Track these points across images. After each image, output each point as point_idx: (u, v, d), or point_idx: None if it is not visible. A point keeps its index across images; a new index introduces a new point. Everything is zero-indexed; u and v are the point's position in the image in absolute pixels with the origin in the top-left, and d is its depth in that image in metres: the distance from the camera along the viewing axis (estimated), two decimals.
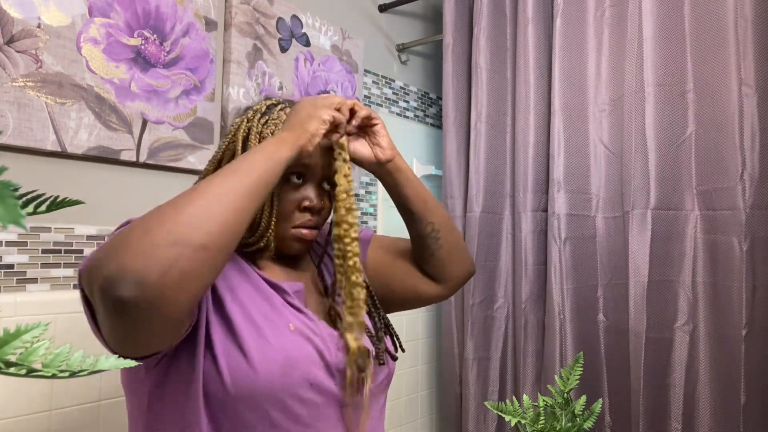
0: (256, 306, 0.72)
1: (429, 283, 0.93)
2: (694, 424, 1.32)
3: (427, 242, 0.89)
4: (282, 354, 0.69)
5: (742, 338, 1.24)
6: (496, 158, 1.75)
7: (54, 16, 1.05)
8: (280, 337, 0.71)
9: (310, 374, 0.71)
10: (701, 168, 1.35)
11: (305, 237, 0.79)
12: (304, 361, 0.71)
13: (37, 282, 1.05)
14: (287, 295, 0.76)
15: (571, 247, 1.54)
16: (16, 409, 0.98)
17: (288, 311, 0.75)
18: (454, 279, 0.93)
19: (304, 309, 0.77)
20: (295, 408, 0.70)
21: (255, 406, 0.68)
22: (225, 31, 1.37)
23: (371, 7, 1.84)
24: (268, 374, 0.68)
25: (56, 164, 1.08)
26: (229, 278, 0.73)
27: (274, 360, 0.69)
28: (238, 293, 0.72)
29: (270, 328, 0.71)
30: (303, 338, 0.73)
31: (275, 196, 0.77)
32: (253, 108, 0.81)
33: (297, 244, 0.80)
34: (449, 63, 1.81)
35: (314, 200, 0.79)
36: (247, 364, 0.67)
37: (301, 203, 0.79)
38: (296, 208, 0.79)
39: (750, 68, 1.25)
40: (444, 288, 0.93)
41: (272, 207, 0.77)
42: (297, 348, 0.71)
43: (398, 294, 0.93)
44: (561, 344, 1.52)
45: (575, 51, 1.57)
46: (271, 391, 0.68)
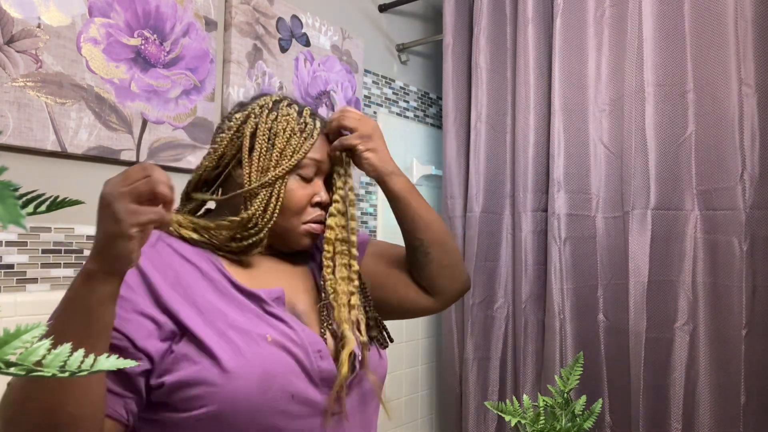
0: (227, 318, 0.69)
1: (421, 294, 0.90)
2: (694, 424, 1.32)
3: (417, 255, 0.88)
4: (259, 368, 0.67)
5: (742, 338, 1.24)
6: (496, 158, 1.75)
7: (54, 16, 1.05)
8: (257, 350, 0.68)
9: (291, 386, 0.69)
10: (701, 168, 1.35)
11: (316, 231, 0.80)
12: (284, 373, 0.68)
13: (37, 282, 1.05)
14: (265, 304, 0.73)
15: (571, 247, 1.54)
16: None
17: (265, 321, 0.71)
18: (446, 294, 0.91)
19: (283, 316, 0.73)
20: (278, 422, 0.68)
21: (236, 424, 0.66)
22: (225, 31, 1.37)
23: (371, 7, 1.84)
24: (246, 390, 0.65)
25: (56, 164, 1.08)
26: (195, 293, 0.69)
27: (250, 375, 0.66)
28: (205, 307, 0.69)
29: (245, 341, 0.67)
30: (281, 349, 0.69)
31: (280, 190, 0.76)
32: (259, 103, 0.80)
33: (307, 239, 0.81)
34: (449, 63, 1.81)
35: (323, 196, 0.80)
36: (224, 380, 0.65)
37: (312, 198, 0.80)
38: (308, 203, 0.79)
39: (750, 68, 1.25)
40: (437, 301, 0.91)
41: (277, 200, 0.76)
42: (275, 360, 0.68)
43: (391, 302, 0.91)
44: (561, 344, 1.52)
45: (575, 51, 1.57)
46: (251, 407, 0.66)
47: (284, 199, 0.77)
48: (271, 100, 0.81)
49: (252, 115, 0.79)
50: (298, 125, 0.79)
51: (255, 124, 0.78)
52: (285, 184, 0.77)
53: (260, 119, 0.78)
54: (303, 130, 0.80)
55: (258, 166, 0.77)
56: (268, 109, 0.79)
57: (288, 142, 0.78)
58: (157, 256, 0.70)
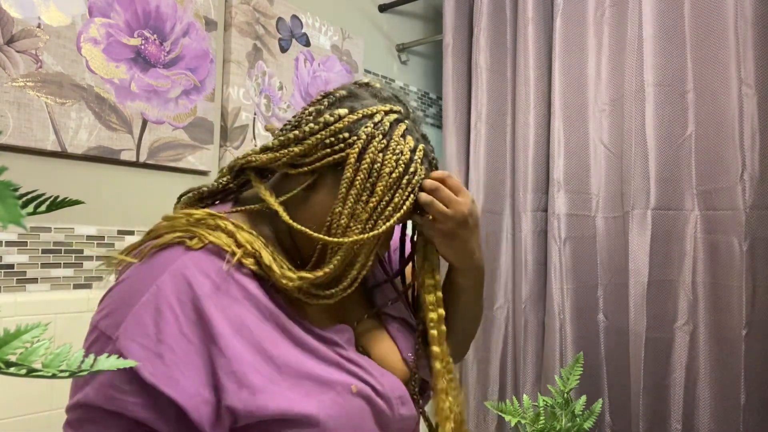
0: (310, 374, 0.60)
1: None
2: (694, 424, 1.32)
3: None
4: (348, 423, 0.60)
5: (742, 338, 1.24)
6: (496, 158, 1.75)
7: (54, 16, 1.05)
8: (343, 404, 0.60)
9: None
10: (701, 168, 1.35)
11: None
12: (370, 428, 0.63)
13: (37, 282, 1.05)
14: (339, 348, 0.64)
15: (571, 247, 1.54)
16: (16, 409, 0.98)
17: (345, 369, 0.63)
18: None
19: (360, 361, 0.65)
20: None
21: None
22: (225, 31, 1.37)
23: (371, 7, 1.84)
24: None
25: (56, 164, 1.08)
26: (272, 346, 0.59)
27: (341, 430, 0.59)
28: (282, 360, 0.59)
29: (329, 396, 0.59)
30: (365, 401, 0.63)
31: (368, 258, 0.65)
32: (374, 118, 0.64)
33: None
34: (449, 63, 1.81)
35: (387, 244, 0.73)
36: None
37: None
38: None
39: (750, 68, 1.25)
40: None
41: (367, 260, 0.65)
42: (361, 414, 0.62)
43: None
44: (561, 344, 1.52)
45: (575, 51, 1.57)
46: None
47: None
48: (388, 117, 0.65)
49: (363, 131, 0.63)
50: (406, 175, 0.64)
51: (363, 149, 0.62)
52: (375, 249, 0.66)
53: (372, 144, 0.63)
54: (410, 182, 0.65)
55: (351, 210, 0.63)
56: (383, 133, 0.64)
57: (389, 193, 0.64)
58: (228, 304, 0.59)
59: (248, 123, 1.41)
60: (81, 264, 1.11)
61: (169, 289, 0.56)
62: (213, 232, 0.61)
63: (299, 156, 0.64)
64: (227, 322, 0.56)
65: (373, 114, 0.64)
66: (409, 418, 0.68)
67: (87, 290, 1.11)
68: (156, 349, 0.54)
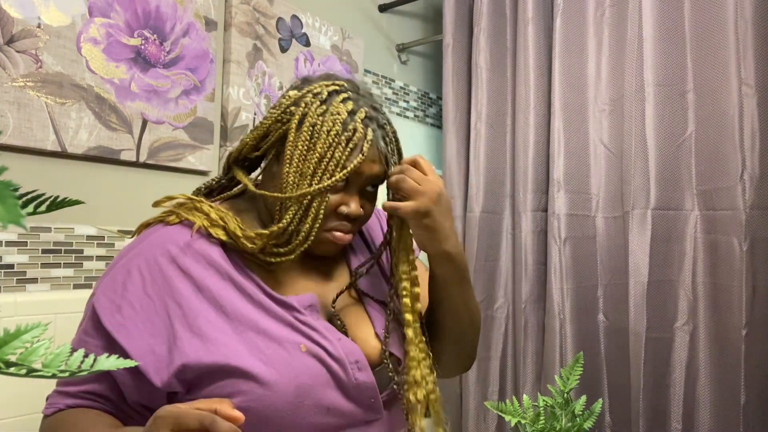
0: (258, 326, 0.66)
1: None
2: (694, 424, 1.32)
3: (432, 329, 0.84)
4: (294, 380, 0.64)
5: (742, 338, 1.24)
6: (496, 158, 1.75)
7: (54, 16, 1.05)
8: (290, 361, 0.65)
9: (325, 399, 0.66)
10: (701, 168, 1.35)
11: (338, 240, 0.74)
12: (318, 385, 0.66)
13: (37, 282, 1.05)
14: (297, 312, 0.69)
15: (571, 247, 1.54)
16: (16, 409, 0.98)
17: (298, 330, 0.68)
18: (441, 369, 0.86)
19: (316, 325, 0.70)
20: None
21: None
22: (225, 31, 1.37)
23: (371, 7, 1.84)
24: (280, 402, 0.63)
25: (56, 164, 1.08)
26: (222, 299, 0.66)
27: (285, 387, 0.63)
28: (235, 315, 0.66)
29: (277, 351, 0.65)
30: (316, 360, 0.67)
31: (318, 209, 0.70)
32: (314, 90, 0.71)
33: (328, 247, 0.75)
34: (449, 63, 1.81)
35: (352, 208, 0.73)
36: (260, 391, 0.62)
37: (338, 207, 0.72)
38: (333, 211, 0.72)
39: (750, 68, 1.25)
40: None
41: (314, 221, 0.70)
42: (310, 372, 0.66)
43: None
44: (561, 344, 1.52)
45: (575, 51, 1.57)
46: (285, 418, 0.63)
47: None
48: (328, 88, 0.72)
49: (303, 101, 0.70)
50: (345, 132, 0.69)
51: (303, 115, 0.70)
52: (323, 203, 0.70)
53: (309, 110, 0.70)
54: (350, 139, 0.70)
55: (297, 168, 0.69)
56: (321, 100, 0.70)
57: (329, 150, 0.69)
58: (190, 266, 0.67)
59: (248, 123, 1.41)
60: (81, 264, 1.11)
61: (142, 255, 0.67)
62: (190, 212, 0.71)
63: (261, 138, 0.73)
64: (188, 281, 0.66)
65: (316, 91, 0.72)
66: (367, 384, 0.70)
67: (87, 290, 1.10)
68: (118, 303, 0.64)
